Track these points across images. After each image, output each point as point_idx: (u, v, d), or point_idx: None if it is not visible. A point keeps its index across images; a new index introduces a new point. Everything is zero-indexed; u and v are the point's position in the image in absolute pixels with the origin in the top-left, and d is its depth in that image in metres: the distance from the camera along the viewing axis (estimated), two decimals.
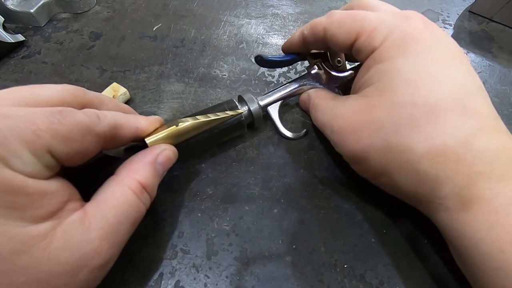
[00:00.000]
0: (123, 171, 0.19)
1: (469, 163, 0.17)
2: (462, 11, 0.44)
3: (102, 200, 0.17)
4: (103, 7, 0.43)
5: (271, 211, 0.24)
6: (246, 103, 0.27)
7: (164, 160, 0.20)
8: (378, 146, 0.20)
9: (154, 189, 0.20)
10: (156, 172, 0.20)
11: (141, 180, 0.18)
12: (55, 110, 0.16)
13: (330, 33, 0.23)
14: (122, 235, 0.17)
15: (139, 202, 0.18)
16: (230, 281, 0.21)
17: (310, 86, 0.30)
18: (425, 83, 0.19)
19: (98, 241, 0.16)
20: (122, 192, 0.18)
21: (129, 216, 0.17)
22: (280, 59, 0.30)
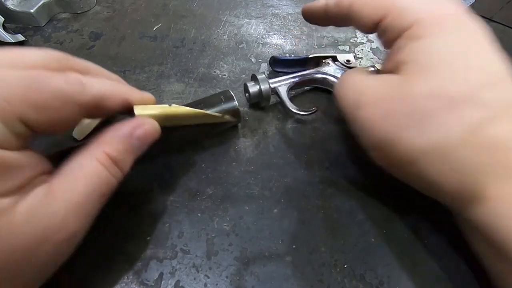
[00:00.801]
0: (94, 142, 0.18)
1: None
2: None
3: (69, 172, 0.16)
4: (103, 7, 0.43)
5: (271, 211, 0.24)
6: (258, 81, 0.30)
7: (142, 134, 0.19)
8: (412, 129, 0.17)
9: (127, 164, 0.18)
10: (130, 146, 0.18)
11: (110, 153, 0.17)
12: (32, 74, 0.15)
13: (356, 9, 0.21)
14: (90, 208, 0.16)
15: (108, 175, 0.17)
16: (230, 281, 0.21)
17: (322, 75, 0.31)
18: (465, 65, 0.18)
19: (63, 214, 0.15)
20: (90, 164, 0.17)
21: (97, 188, 0.16)
22: (293, 59, 0.34)
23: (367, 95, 0.20)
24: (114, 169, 0.17)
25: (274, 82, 0.30)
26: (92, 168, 0.17)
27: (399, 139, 0.18)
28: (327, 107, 0.32)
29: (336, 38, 0.40)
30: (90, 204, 0.16)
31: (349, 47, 0.39)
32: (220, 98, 0.27)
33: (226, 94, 0.27)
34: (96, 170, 0.17)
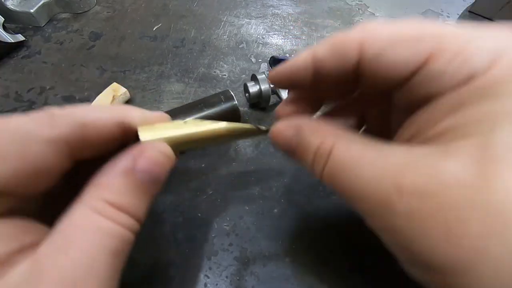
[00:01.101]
0: (88, 187, 0.13)
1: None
2: (462, 11, 0.44)
3: (60, 236, 0.12)
4: (103, 7, 0.43)
5: (271, 211, 0.24)
6: (258, 81, 0.29)
7: (147, 164, 0.14)
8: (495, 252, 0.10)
9: (139, 207, 0.13)
10: (135, 183, 0.13)
11: (110, 199, 0.13)
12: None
13: (375, 54, 0.13)
14: (98, 278, 0.12)
15: (115, 228, 0.12)
16: (230, 281, 0.21)
17: None
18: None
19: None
20: (85, 217, 0.12)
21: (102, 247, 0.12)
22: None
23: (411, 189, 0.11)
24: (122, 217, 0.13)
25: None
26: (88, 223, 0.12)
27: (472, 264, 0.10)
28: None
29: None
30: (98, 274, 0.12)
31: None
32: (220, 98, 0.27)
33: (226, 94, 0.27)
34: (95, 226, 0.12)
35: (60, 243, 0.12)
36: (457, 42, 0.12)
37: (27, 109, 0.31)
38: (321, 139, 0.15)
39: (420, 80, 0.13)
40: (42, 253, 0.11)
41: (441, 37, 0.12)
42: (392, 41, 0.13)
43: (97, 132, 0.14)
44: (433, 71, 0.12)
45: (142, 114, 0.16)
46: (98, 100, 0.30)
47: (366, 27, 0.14)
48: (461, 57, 0.12)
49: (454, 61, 0.12)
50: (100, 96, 0.30)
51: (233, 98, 0.27)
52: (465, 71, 0.12)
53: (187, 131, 0.16)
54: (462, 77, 0.12)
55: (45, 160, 0.12)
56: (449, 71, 0.12)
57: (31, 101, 0.32)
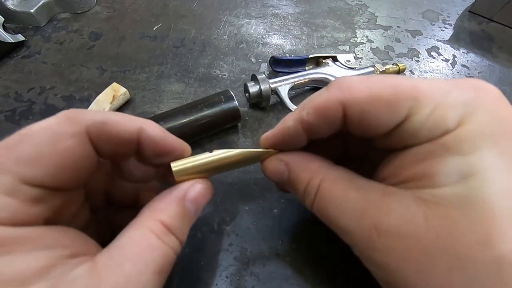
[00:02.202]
0: (145, 211, 0.16)
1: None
2: (462, 11, 0.44)
3: (118, 248, 0.14)
4: (103, 7, 0.43)
5: (271, 211, 0.24)
6: (258, 81, 0.29)
7: (196, 196, 0.16)
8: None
9: (183, 231, 0.16)
10: (184, 210, 0.16)
11: (164, 221, 0.15)
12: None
13: (358, 113, 0.14)
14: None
15: (163, 246, 0.14)
16: (230, 281, 0.21)
17: (322, 75, 0.31)
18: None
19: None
20: (142, 236, 0.14)
21: (151, 264, 0.14)
22: (293, 59, 0.34)
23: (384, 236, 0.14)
24: (170, 238, 0.15)
25: (274, 82, 0.30)
26: (144, 241, 0.14)
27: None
28: None
29: (336, 38, 0.40)
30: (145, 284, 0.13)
31: (349, 47, 0.39)
32: (220, 98, 0.27)
33: (226, 94, 0.27)
34: (148, 243, 0.14)
35: (118, 257, 0.13)
36: (432, 100, 0.14)
37: (27, 109, 0.31)
38: (310, 176, 0.17)
39: (398, 134, 0.14)
40: (100, 263, 0.13)
41: (417, 96, 0.14)
42: (371, 102, 0.14)
43: (116, 130, 0.15)
44: (410, 128, 0.14)
45: (162, 130, 0.17)
46: (98, 100, 0.30)
47: (344, 85, 0.15)
48: (435, 115, 0.13)
49: (429, 119, 0.13)
50: (100, 96, 0.30)
51: (233, 98, 0.27)
52: (439, 127, 0.13)
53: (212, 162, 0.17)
54: (436, 133, 0.13)
55: (75, 152, 0.14)
56: (425, 128, 0.13)
57: (31, 101, 0.32)
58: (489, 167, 0.13)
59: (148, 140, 0.16)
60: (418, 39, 0.40)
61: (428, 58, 0.38)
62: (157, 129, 0.16)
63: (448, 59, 0.38)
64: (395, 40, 0.40)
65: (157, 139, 0.16)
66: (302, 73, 0.31)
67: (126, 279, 0.13)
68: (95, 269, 0.13)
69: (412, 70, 0.36)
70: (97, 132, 0.15)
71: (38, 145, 0.13)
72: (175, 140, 0.17)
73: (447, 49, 0.39)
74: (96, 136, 0.15)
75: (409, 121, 0.14)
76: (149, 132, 0.16)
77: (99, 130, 0.15)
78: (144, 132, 0.16)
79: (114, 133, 0.15)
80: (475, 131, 0.13)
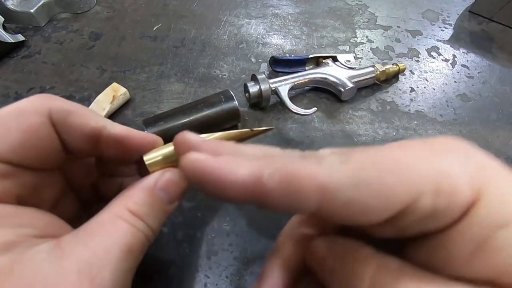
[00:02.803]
0: (115, 199, 0.16)
1: None
2: (462, 11, 0.44)
3: (83, 229, 0.14)
4: (103, 7, 0.43)
5: (271, 211, 0.24)
6: (258, 81, 0.29)
7: (165, 184, 0.16)
8: None
9: (154, 218, 0.16)
10: (154, 198, 0.16)
11: (131, 207, 0.15)
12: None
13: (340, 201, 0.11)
14: (111, 268, 0.13)
15: (130, 227, 0.14)
16: (230, 281, 0.21)
17: (322, 75, 0.32)
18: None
19: (75, 274, 0.12)
20: (108, 219, 0.14)
21: (118, 241, 0.13)
22: (293, 59, 0.34)
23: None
24: (138, 222, 0.15)
25: (274, 82, 0.30)
26: (112, 223, 0.14)
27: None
28: (327, 107, 0.32)
29: (336, 38, 0.40)
30: (112, 263, 0.13)
31: (349, 47, 0.39)
32: (220, 98, 0.27)
33: (226, 94, 0.27)
34: (116, 225, 0.14)
35: (82, 236, 0.13)
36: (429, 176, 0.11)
37: None
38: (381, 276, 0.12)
39: (405, 221, 0.11)
40: (64, 241, 0.13)
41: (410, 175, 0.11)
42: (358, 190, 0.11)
43: (79, 122, 0.16)
44: (419, 212, 0.11)
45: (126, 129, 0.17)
46: (98, 100, 0.30)
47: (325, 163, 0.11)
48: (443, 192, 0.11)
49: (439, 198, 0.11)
50: (100, 96, 0.30)
51: (233, 98, 0.27)
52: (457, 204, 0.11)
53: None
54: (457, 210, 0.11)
55: (38, 130, 0.14)
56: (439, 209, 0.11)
57: None
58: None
59: (110, 138, 0.16)
60: (418, 39, 0.40)
61: (428, 58, 0.38)
62: (120, 128, 0.17)
63: (448, 59, 0.38)
64: (395, 40, 0.40)
65: (120, 136, 0.16)
66: (302, 73, 0.31)
67: (91, 254, 0.13)
68: (58, 246, 0.13)
69: (412, 70, 0.36)
70: (61, 118, 0.15)
71: (5, 123, 0.14)
72: (141, 134, 0.17)
73: (447, 49, 0.39)
74: (59, 123, 0.15)
75: (415, 205, 0.11)
76: (111, 130, 0.16)
77: (63, 117, 0.15)
78: (106, 131, 0.16)
79: (76, 124, 0.16)
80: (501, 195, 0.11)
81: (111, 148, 0.17)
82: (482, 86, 0.35)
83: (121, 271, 0.13)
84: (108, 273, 0.13)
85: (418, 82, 0.35)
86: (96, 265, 0.12)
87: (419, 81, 0.35)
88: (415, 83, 0.35)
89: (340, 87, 0.31)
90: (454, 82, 0.35)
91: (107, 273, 0.13)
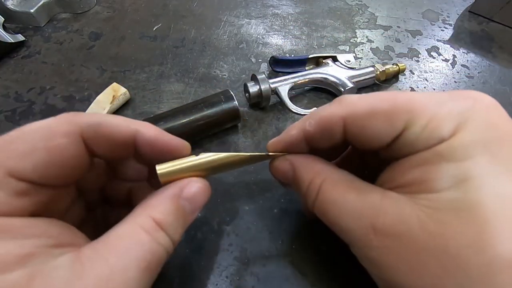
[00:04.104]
0: (138, 207, 0.15)
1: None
2: (462, 11, 0.44)
3: (105, 241, 0.13)
4: (103, 7, 0.43)
5: (271, 211, 0.24)
6: (258, 81, 0.29)
7: (192, 194, 0.16)
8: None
9: (177, 229, 0.15)
10: (179, 208, 0.16)
11: (156, 217, 0.14)
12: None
13: (358, 127, 0.16)
14: (130, 284, 0.13)
15: (152, 242, 0.14)
16: (230, 281, 0.21)
17: (322, 75, 0.32)
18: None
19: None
20: (130, 231, 0.14)
21: (138, 259, 0.13)
22: (293, 59, 0.34)
23: (380, 235, 0.14)
24: (161, 235, 0.14)
25: (274, 82, 0.30)
26: (133, 236, 0.14)
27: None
28: None
29: (336, 38, 0.40)
30: (131, 280, 0.13)
31: (349, 47, 0.39)
32: (220, 98, 0.27)
33: (226, 94, 0.27)
34: (136, 239, 0.14)
35: (103, 250, 0.13)
36: (427, 112, 0.14)
37: (27, 109, 0.31)
38: (312, 176, 0.17)
39: (397, 145, 0.15)
40: (85, 254, 0.13)
41: (413, 109, 0.14)
42: (370, 117, 0.15)
43: (111, 132, 0.16)
44: (408, 139, 0.15)
45: (158, 131, 0.17)
46: (98, 100, 0.30)
47: (345, 102, 0.16)
48: (431, 125, 0.14)
49: (425, 130, 0.14)
50: (100, 96, 0.30)
51: (233, 98, 0.27)
52: (434, 137, 0.14)
53: (200, 164, 0.17)
54: (431, 142, 0.14)
55: (66, 151, 0.14)
56: (421, 138, 0.14)
57: (31, 101, 0.32)
58: (482, 173, 0.13)
59: (144, 142, 0.16)
60: (418, 39, 0.40)
61: (428, 58, 0.38)
62: (153, 130, 0.17)
63: (448, 59, 0.38)
64: (395, 40, 0.40)
65: (153, 140, 0.16)
66: (302, 73, 0.31)
67: (110, 272, 0.12)
68: (78, 260, 0.12)
69: (412, 70, 0.36)
70: (92, 133, 0.15)
71: (31, 141, 0.13)
72: (172, 139, 0.17)
73: (447, 49, 0.39)
74: (91, 137, 0.15)
75: (406, 132, 0.15)
76: (145, 134, 0.16)
77: (94, 131, 0.15)
78: (140, 135, 0.16)
79: (109, 135, 0.15)
80: (469, 139, 0.14)
81: (146, 153, 0.17)
82: (482, 86, 0.35)
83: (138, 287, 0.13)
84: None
85: (418, 82, 0.35)
86: (114, 283, 0.12)
87: (419, 81, 0.35)
88: (415, 83, 0.35)
89: (340, 87, 0.31)
90: (454, 82, 0.35)
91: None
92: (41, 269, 0.12)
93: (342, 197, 0.16)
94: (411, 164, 0.15)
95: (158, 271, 0.14)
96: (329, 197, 0.16)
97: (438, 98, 0.15)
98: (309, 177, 0.17)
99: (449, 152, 0.14)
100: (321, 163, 0.18)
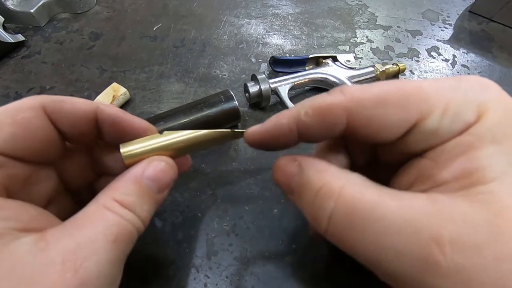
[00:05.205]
0: (102, 191, 0.15)
1: None
2: (462, 11, 0.44)
3: (70, 221, 0.14)
4: (103, 7, 0.43)
5: (271, 211, 0.24)
6: (258, 81, 0.29)
7: (153, 172, 0.16)
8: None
9: (143, 208, 0.15)
10: (142, 188, 0.15)
11: (118, 198, 0.14)
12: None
13: (365, 117, 0.14)
14: (97, 258, 0.13)
15: (118, 218, 0.14)
16: (230, 281, 0.21)
17: (322, 75, 0.32)
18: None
19: (59, 265, 0.12)
20: (95, 210, 0.14)
21: (106, 232, 0.13)
22: (293, 59, 0.34)
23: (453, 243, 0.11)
24: (125, 212, 0.14)
25: (274, 82, 0.30)
26: (97, 214, 0.14)
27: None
28: None
29: (336, 38, 0.40)
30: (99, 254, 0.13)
31: (349, 47, 0.39)
32: (220, 98, 0.27)
33: (226, 94, 0.27)
34: (101, 215, 0.14)
35: (68, 228, 0.13)
36: (441, 99, 0.13)
37: None
38: (325, 180, 0.14)
39: (413, 138, 0.14)
40: (49, 233, 0.13)
41: (425, 97, 0.13)
42: (380, 106, 0.13)
43: (72, 106, 0.16)
44: (427, 129, 0.13)
45: (119, 110, 0.17)
46: (98, 100, 0.30)
47: (348, 91, 0.14)
48: (450, 111, 0.13)
49: (445, 117, 0.13)
50: (100, 96, 0.30)
51: (233, 98, 0.27)
52: (459, 123, 0.13)
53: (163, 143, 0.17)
54: (458, 128, 0.13)
55: (32, 123, 0.15)
56: (444, 126, 0.13)
57: None
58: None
59: (105, 117, 0.17)
60: (418, 39, 0.40)
61: (428, 58, 0.38)
62: (114, 108, 0.17)
63: (448, 59, 0.38)
64: (395, 40, 0.40)
65: (114, 117, 0.17)
66: (302, 73, 0.31)
67: (76, 245, 0.12)
68: (42, 239, 0.12)
69: (412, 70, 0.36)
70: (54, 107, 0.16)
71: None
72: (134, 118, 0.17)
73: (447, 49, 0.39)
74: (53, 112, 0.16)
75: (424, 122, 0.13)
76: (105, 110, 0.16)
77: (56, 106, 0.16)
78: (100, 110, 0.16)
79: (70, 109, 0.16)
80: (498, 120, 0.12)
81: (108, 131, 0.17)
82: None
83: (107, 262, 0.13)
84: (93, 263, 0.12)
85: None
86: (81, 255, 0.12)
87: None
88: None
89: None
90: None
91: (92, 263, 0.12)
92: (5, 246, 0.12)
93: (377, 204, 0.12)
94: (449, 155, 0.12)
95: (129, 246, 0.14)
96: (357, 205, 0.12)
97: (448, 84, 0.14)
98: (320, 181, 0.14)
99: (487, 133, 0.12)
100: (335, 166, 0.15)
